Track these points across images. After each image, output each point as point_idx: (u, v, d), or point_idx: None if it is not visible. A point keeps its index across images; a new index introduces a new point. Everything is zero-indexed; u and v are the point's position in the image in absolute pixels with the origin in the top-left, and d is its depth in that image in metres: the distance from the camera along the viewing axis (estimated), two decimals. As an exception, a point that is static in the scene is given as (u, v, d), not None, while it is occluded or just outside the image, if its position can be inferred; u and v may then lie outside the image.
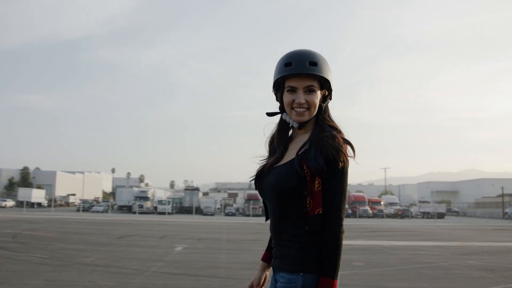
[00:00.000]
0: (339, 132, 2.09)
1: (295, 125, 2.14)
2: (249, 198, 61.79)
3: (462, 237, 24.39)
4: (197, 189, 68.14)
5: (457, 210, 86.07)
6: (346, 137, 2.07)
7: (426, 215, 67.32)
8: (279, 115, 2.25)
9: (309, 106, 2.09)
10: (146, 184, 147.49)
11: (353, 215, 60.34)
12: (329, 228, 1.97)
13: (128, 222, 32.31)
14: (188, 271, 9.83)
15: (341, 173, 1.97)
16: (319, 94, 2.11)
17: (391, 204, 72.03)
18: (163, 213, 55.36)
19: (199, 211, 60.10)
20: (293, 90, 2.09)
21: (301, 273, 1.95)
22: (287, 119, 2.17)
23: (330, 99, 2.19)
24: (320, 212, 1.97)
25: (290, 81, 2.10)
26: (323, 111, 2.15)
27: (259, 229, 27.75)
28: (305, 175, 1.96)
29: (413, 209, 70.04)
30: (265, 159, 2.26)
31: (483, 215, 78.35)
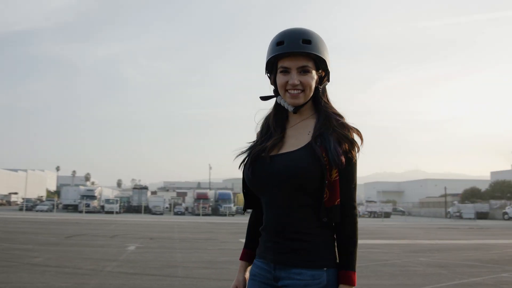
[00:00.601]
0: (343, 119, 1.98)
1: (290, 108, 1.99)
2: (199, 197, 61.49)
3: (410, 235, 25.01)
4: (145, 188, 67.19)
5: (402, 209, 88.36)
6: (352, 124, 1.96)
7: (373, 214, 68.94)
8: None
9: (303, 87, 1.93)
10: (93, 183, 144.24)
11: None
12: (349, 220, 1.88)
13: (75, 221, 31.41)
14: (145, 270, 9.57)
15: (355, 164, 1.91)
16: (314, 74, 1.96)
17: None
18: (111, 212, 54.20)
19: (147, 210, 59.25)
20: (286, 71, 1.94)
21: (325, 268, 1.84)
22: (282, 103, 2.02)
23: (328, 80, 2.04)
24: (338, 203, 1.87)
25: (283, 61, 1.94)
26: (320, 93, 2.00)
27: (210, 228, 27.57)
28: (326, 163, 1.84)
29: (361, 209, 71.42)
30: (253, 142, 2.09)
31: (427, 214, 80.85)
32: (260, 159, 1.95)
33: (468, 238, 22.79)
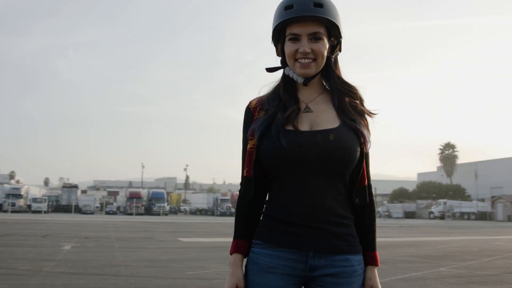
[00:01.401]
0: (358, 92, 1.89)
1: (300, 80, 1.81)
2: (131, 196, 60.32)
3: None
4: (75, 186, 65.19)
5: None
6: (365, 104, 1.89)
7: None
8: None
9: (315, 56, 1.76)
10: (18, 181, 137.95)
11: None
12: (372, 201, 1.83)
13: (1, 221, 29.88)
14: (87, 270, 9.17)
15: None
16: (326, 42, 1.78)
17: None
18: (39, 212, 52.06)
19: (77, 209, 57.37)
20: (296, 38, 1.76)
21: (361, 252, 1.79)
22: (290, 74, 1.83)
23: (340, 50, 1.89)
24: (367, 184, 1.81)
25: (292, 27, 1.76)
26: (332, 63, 1.85)
27: (146, 227, 27.03)
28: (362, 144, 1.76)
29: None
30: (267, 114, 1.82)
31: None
32: (291, 133, 1.73)
33: (401, 236, 23.54)
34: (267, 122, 1.78)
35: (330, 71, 1.86)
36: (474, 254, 13.75)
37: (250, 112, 1.88)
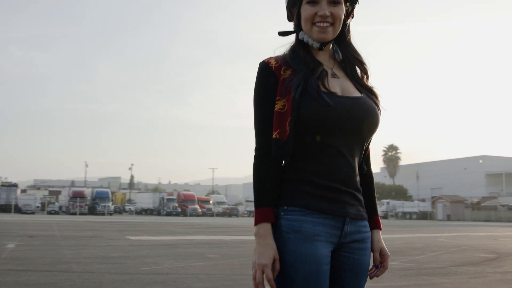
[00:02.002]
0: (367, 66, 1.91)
1: (316, 44, 1.79)
2: (75, 196, 58.68)
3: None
4: (15, 185, 62.80)
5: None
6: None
7: (252, 213, 70.16)
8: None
9: (333, 20, 1.75)
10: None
11: (183, 213, 60.69)
12: (371, 168, 1.93)
13: None
14: (37, 267, 8.85)
15: None
16: (343, 7, 1.78)
17: (220, 203, 74.13)
18: (-25, 211, 49.91)
19: (17, 209, 55.34)
20: (314, 1, 1.74)
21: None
22: (305, 38, 1.81)
23: (352, 17, 1.89)
24: (369, 153, 1.90)
25: None
26: (346, 30, 1.87)
27: (91, 226, 26.35)
28: None
29: (241, 208, 72.55)
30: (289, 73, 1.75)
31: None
32: (332, 96, 1.70)
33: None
34: (304, 82, 1.71)
35: (343, 37, 1.87)
36: (420, 250, 14.19)
37: (272, 71, 1.76)
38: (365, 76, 1.88)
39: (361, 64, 1.88)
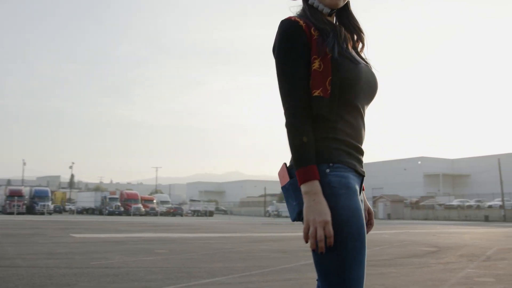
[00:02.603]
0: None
1: (326, 10, 1.84)
2: (12, 194, 56.42)
3: (240, 229, 25.89)
4: None
5: (224, 209, 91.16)
6: None
7: (196, 213, 70.00)
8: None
9: None
10: None
11: (126, 212, 59.71)
12: None
13: None
14: (-21, 262, 8.54)
15: None
16: None
17: (163, 202, 73.50)
18: None
19: None
20: None
21: None
22: (315, 4, 1.85)
23: None
24: None
25: None
26: None
27: (33, 225, 25.52)
28: None
29: (185, 207, 72.06)
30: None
31: (248, 213, 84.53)
32: (355, 58, 1.79)
33: (294, 231, 24.25)
34: (336, 42, 1.76)
35: (346, 5, 1.95)
36: (377, 244, 14.55)
37: (303, 30, 1.76)
38: (361, 45, 1.96)
39: (360, 32, 1.95)
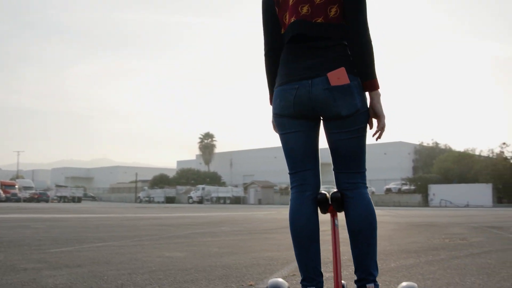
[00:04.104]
0: None
1: None
2: None
3: (117, 212, 25.42)
4: None
5: (93, 195, 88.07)
6: None
7: (63, 199, 67.12)
8: None
9: None
10: None
11: (-15, 198, 55.56)
12: None
13: None
14: None
15: None
16: None
17: (26, 188, 69.69)
18: None
19: None
20: None
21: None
22: None
23: None
24: None
25: None
26: None
27: None
28: None
29: (50, 193, 68.67)
30: None
31: (118, 200, 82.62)
32: None
33: (171, 213, 24.29)
34: None
35: None
36: (244, 221, 15.15)
37: None
38: None
39: None
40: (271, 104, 2.52)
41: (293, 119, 2.39)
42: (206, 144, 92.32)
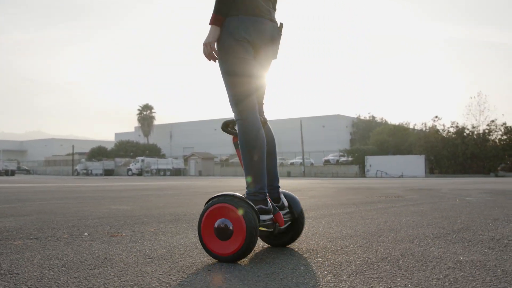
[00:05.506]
0: None
1: None
2: None
3: (56, 182, 24.84)
4: None
5: (27, 168, 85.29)
6: None
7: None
8: None
9: None
10: None
11: None
12: None
13: None
14: None
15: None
16: None
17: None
18: None
19: None
20: None
21: None
22: None
23: None
24: None
25: None
26: None
27: None
28: None
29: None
30: None
31: (54, 173, 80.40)
32: None
33: (109, 182, 24.01)
34: None
35: None
36: (189, 187, 15.25)
37: None
38: None
39: None
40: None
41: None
42: (145, 116, 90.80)
